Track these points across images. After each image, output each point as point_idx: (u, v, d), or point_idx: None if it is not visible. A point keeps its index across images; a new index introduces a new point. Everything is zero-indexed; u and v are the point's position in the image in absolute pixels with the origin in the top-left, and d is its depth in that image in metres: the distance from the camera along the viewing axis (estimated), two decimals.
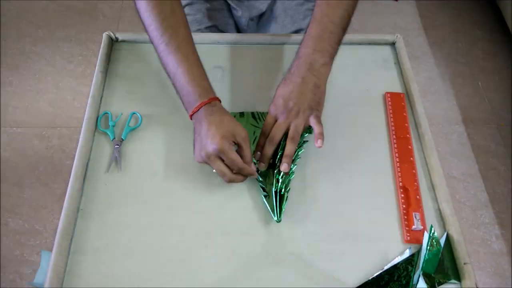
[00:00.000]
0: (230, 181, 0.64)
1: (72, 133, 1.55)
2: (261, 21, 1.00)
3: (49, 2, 1.99)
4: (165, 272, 0.61)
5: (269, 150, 0.67)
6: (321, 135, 0.66)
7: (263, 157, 0.67)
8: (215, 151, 0.62)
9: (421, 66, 1.85)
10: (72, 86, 1.71)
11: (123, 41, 0.87)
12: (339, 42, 0.70)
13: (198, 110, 0.65)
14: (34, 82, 1.72)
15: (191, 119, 0.67)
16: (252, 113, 0.77)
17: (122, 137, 0.73)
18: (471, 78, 1.83)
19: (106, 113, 0.76)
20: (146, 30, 0.70)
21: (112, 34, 0.87)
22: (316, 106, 0.67)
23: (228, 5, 0.98)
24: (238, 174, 0.65)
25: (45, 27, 1.89)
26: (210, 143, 0.62)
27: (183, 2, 0.97)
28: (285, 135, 0.67)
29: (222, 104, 0.68)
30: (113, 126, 0.75)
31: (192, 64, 0.67)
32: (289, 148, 0.66)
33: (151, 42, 0.70)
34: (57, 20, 1.92)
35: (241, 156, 0.64)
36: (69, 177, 0.67)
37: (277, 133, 0.66)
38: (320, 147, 0.65)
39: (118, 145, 0.72)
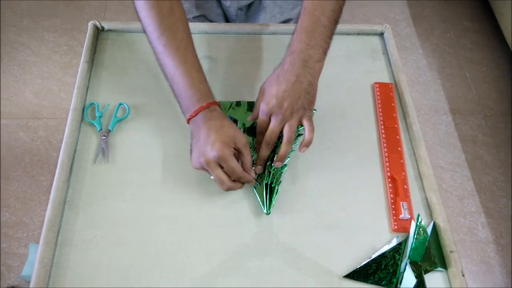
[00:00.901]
0: (229, 189, 0.62)
1: (58, 124, 1.53)
2: (249, 10, 0.99)
3: None
4: (154, 263, 0.60)
5: (265, 153, 0.66)
6: (309, 143, 0.65)
7: (259, 159, 0.67)
8: (215, 158, 0.60)
9: (410, 56, 1.85)
10: (58, 77, 1.68)
11: (110, 30, 0.86)
12: (331, 36, 0.68)
13: (196, 114, 0.63)
14: (19, 72, 1.69)
15: (188, 122, 0.65)
16: (249, 103, 0.76)
17: (109, 128, 0.72)
18: (459, 69, 1.84)
19: (93, 103, 0.75)
20: (144, 31, 0.68)
21: (98, 24, 0.85)
22: (309, 105, 0.66)
23: None
24: (236, 182, 0.63)
25: (30, 17, 1.86)
26: (210, 150, 0.60)
27: None
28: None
29: (213, 94, 0.67)
30: (100, 117, 0.74)
31: (191, 67, 0.65)
32: (285, 149, 0.65)
33: (149, 43, 0.67)
34: (42, 10, 1.88)
35: (241, 163, 0.63)
36: (56, 169, 0.66)
37: (273, 137, 0.65)
38: (303, 152, 0.65)
39: (105, 136, 0.71)
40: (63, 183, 0.65)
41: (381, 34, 0.89)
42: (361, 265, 0.61)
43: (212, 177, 0.62)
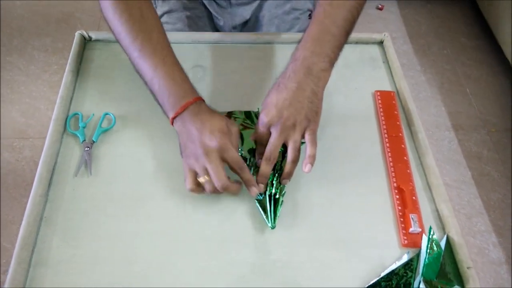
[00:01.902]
0: (226, 189, 0.57)
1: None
2: (244, 29, 0.96)
3: (24, 12, 1.94)
4: (138, 284, 0.54)
5: (267, 169, 0.60)
6: (312, 158, 0.59)
7: (261, 177, 0.60)
8: (217, 146, 0.56)
9: (407, 73, 1.84)
10: (46, 96, 1.65)
11: (97, 40, 0.83)
12: (340, 47, 0.63)
13: (183, 111, 0.59)
14: (6, 92, 1.66)
15: (172, 123, 0.61)
16: (245, 112, 0.71)
17: (93, 139, 0.68)
18: (458, 85, 1.83)
19: (76, 114, 0.71)
20: (117, 40, 0.65)
21: (85, 33, 0.82)
22: (313, 116, 0.60)
23: (210, 13, 0.94)
24: (234, 182, 0.58)
25: (20, 37, 1.84)
26: (210, 139, 0.56)
27: (161, 10, 0.92)
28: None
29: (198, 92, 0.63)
30: (84, 127, 0.69)
31: (171, 67, 0.62)
32: (290, 167, 0.60)
33: (124, 50, 0.64)
34: (33, 29, 1.86)
35: None
36: None
37: (273, 152, 0.59)
38: (307, 172, 0.59)
39: (88, 147, 0.66)
40: (40, 198, 0.60)
41: (380, 43, 0.87)
42: (369, 283, 0.55)
43: (201, 179, 0.57)
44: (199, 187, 0.58)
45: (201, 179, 0.57)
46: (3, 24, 1.88)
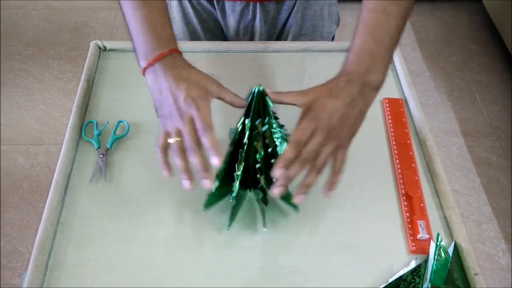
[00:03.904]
0: (193, 149, 0.51)
1: (59, 150, 1.50)
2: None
3: (39, 21, 1.98)
4: None
5: (291, 153, 0.52)
6: (335, 184, 0.55)
7: (286, 178, 0.52)
8: (190, 97, 0.51)
9: (417, 79, 1.84)
10: (61, 103, 1.68)
11: (112, 50, 0.85)
12: (391, 60, 0.59)
13: (155, 62, 0.54)
14: (22, 99, 1.70)
15: (143, 74, 0.56)
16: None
17: (108, 146, 0.69)
18: (468, 91, 1.82)
19: (91, 121, 0.73)
20: None
21: (100, 43, 0.84)
22: (352, 136, 0.56)
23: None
24: (190, 152, 0.52)
25: (35, 45, 1.88)
26: (184, 98, 0.52)
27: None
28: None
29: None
30: (98, 135, 0.71)
31: (152, 10, 0.56)
32: (314, 178, 0.54)
33: None
34: (48, 38, 1.91)
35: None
36: None
37: (313, 151, 0.52)
38: (328, 197, 0.54)
39: (103, 154, 0.68)
40: (57, 203, 0.62)
41: None
42: None
43: (171, 140, 0.53)
44: (168, 148, 0.55)
45: (171, 140, 0.53)
46: (19, 33, 1.92)
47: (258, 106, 0.54)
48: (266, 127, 0.56)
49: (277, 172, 0.51)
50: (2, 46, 1.88)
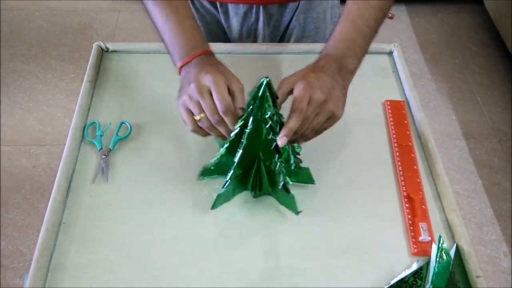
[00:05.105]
0: (218, 121, 0.55)
1: (61, 151, 1.51)
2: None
3: (42, 22, 1.99)
4: None
5: (295, 124, 0.55)
6: (303, 139, 0.58)
7: (286, 129, 0.55)
8: (210, 81, 0.55)
9: (418, 82, 1.84)
10: (63, 104, 1.69)
11: (114, 51, 0.85)
12: (368, 48, 0.64)
13: (191, 60, 0.59)
14: (25, 100, 1.70)
15: (179, 72, 0.61)
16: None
17: (110, 147, 0.70)
18: (469, 93, 1.82)
19: (94, 122, 0.73)
20: None
21: (102, 44, 0.85)
22: (342, 106, 0.59)
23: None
24: (216, 125, 0.56)
25: (38, 46, 1.89)
26: (204, 76, 0.55)
27: None
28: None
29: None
30: (101, 136, 0.71)
31: (183, 16, 0.63)
32: (300, 127, 0.56)
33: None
34: (50, 39, 1.91)
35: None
36: None
37: (302, 103, 0.55)
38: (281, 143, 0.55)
39: (105, 155, 0.68)
40: (59, 204, 0.62)
41: (390, 53, 0.88)
42: None
43: (196, 117, 0.56)
44: (201, 128, 0.58)
45: (197, 117, 0.56)
46: (22, 34, 1.93)
47: (264, 97, 0.56)
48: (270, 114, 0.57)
49: (283, 140, 0.54)
50: (5, 47, 1.88)
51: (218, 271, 0.57)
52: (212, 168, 0.63)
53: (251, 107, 0.56)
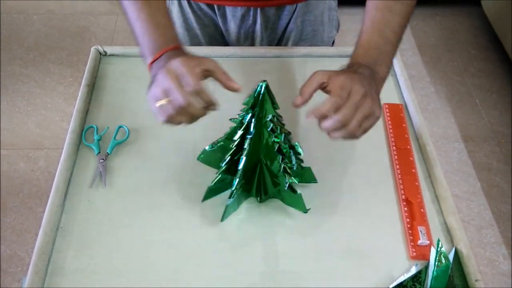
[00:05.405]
0: (187, 102, 0.51)
1: (59, 155, 1.50)
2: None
3: (41, 26, 1.99)
4: None
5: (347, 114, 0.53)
6: (322, 113, 0.53)
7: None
8: (177, 65, 0.52)
9: (417, 84, 1.84)
10: (61, 107, 1.69)
11: (112, 55, 0.85)
12: (395, 53, 0.65)
13: (160, 56, 0.58)
14: (23, 104, 1.70)
15: (149, 69, 0.60)
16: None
17: (108, 151, 0.69)
18: (468, 96, 1.82)
19: (92, 126, 0.73)
20: None
21: (100, 48, 0.85)
22: (379, 105, 0.57)
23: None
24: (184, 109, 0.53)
25: (36, 50, 1.89)
26: (172, 62, 0.53)
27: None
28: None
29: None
30: (99, 140, 0.71)
31: (155, 10, 0.62)
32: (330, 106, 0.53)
33: None
34: (49, 43, 1.91)
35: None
36: None
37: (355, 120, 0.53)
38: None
39: (103, 159, 0.68)
40: (57, 208, 0.62)
41: None
42: None
43: (161, 102, 0.53)
44: (174, 117, 0.55)
45: (160, 102, 0.53)
46: (20, 38, 1.93)
47: (264, 101, 0.57)
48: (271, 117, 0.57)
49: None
50: (3, 51, 1.88)
51: (217, 274, 0.57)
52: (213, 188, 0.63)
53: (250, 113, 0.56)
